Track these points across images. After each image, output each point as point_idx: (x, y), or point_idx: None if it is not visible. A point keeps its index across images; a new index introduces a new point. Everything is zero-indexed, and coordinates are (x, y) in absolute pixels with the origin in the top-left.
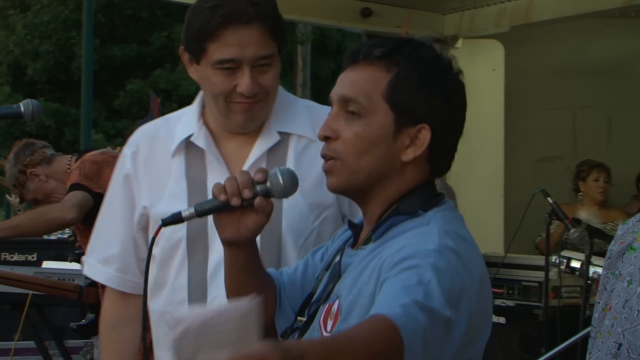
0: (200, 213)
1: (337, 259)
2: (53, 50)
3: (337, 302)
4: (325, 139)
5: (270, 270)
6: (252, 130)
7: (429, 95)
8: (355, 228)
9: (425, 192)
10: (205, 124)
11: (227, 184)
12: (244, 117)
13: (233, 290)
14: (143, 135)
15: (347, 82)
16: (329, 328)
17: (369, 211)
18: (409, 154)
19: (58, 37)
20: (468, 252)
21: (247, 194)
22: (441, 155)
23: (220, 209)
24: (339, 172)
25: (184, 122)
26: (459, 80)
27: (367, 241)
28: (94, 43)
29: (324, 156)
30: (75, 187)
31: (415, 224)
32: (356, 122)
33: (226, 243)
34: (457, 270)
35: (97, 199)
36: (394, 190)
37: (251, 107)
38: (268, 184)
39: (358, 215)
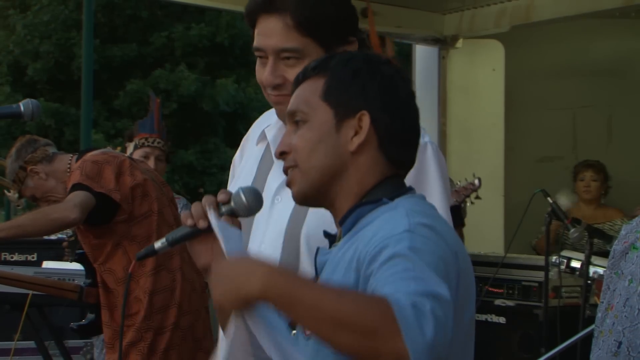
0: (172, 242)
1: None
2: (53, 50)
3: None
4: (282, 154)
5: None
6: None
7: (363, 86)
8: (330, 236)
9: (390, 184)
10: None
11: (193, 209)
12: (278, 110)
13: (225, 315)
14: (256, 123)
15: (292, 99)
16: None
17: (338, 212)
18: (355, 142)
19: (58, 37)
20: (441, 226)
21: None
22: (392, 143)
23: (191, 235)
24: (295, 179)
25: (274, 112)
26: (398, 73)
27: (339, 239)
28: (94, 43)
29: (284, 171)
30: (77, 187)
31: (381, 211)
32: (301, 128)
33: (205, 270)
34: (435, 243)
35: (99, 198)
36: (354, 183)
37: (279, 100)
38: (232, 203)
39: None
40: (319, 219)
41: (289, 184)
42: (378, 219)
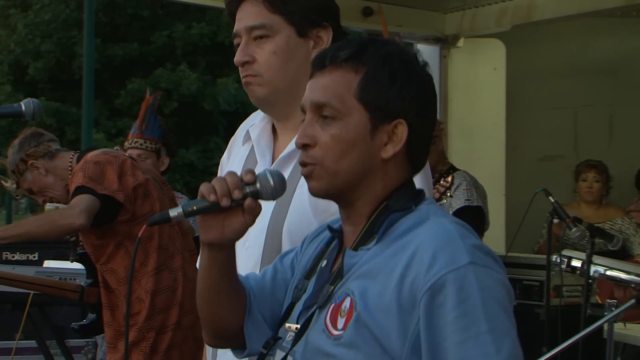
0: (188, 213)
1: (324, 263)
2: (54, 50)
3: (349, 299)
4: (304, 146)
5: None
6: (276, 115)
7: (401, 90)
8: (336, 232)
9: (409, 188)
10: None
11: (217, 185)
12: (248, 92)
13: (210, 292)
14: (243, 123)
15: (318, 87)
16: (340, 325)
17: (355, 211)
18: (389, 151)
19: (59, 36)
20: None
21: (237, 194)
22: (419, 149)
23: (208, 210)
24: (319, 176)
25: (259, 112)
26: (426, 73)
27: (364, 241)
28: (95, 42)
29: (302, 163)
30: (80, 189)
31: (415, 220)
32: (332, 125)
33: (208, 244)
34: (493, 269)
35: (103, 200)
36: (380, 187)
37: (247, 81)
38: (258, 185)
39: None
40: (300, 215)
41: (306, 177)
42: (420, 231)
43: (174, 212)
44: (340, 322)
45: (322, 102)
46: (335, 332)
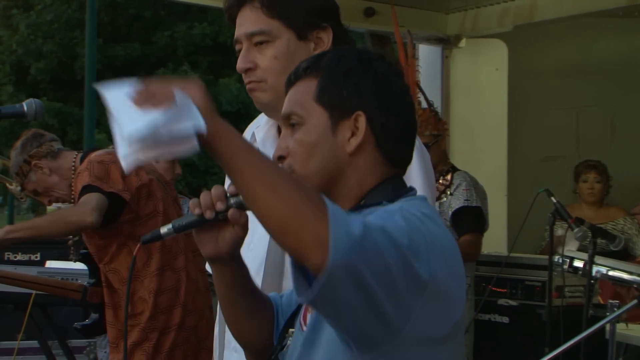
0: (178, 229)
1: None
2: (56, 50)
3: None
4: (279, 159)
5: (271, 294)
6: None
7: (356, 86)
8: None
9: (390, 185)
10: None
11: (202, 198)
12: (254, 99)
13: (226, 306)
14: (250, 125)
15: (286, 101)
16: (308, 322)
17: None
18: (352, 144)
19: (61, 36)
20: (430, 226)
21: (219, 206)
22: (388, 140)
23: (196, 224)
24: None
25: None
26: (390, 69)
27: None
28: (97, 42)
29: None
30: (88, 188)
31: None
32: (297, 131)
33: (209, 259)
34: (419, 228)
35: (110, 198)
36: (355, 184)
37: (251, 87)
38: (241, 196)
39: None
40: None
41: None
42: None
43: (164, 230)
44: (308, 318)
45: (287, 112)
46: (304, 328)
